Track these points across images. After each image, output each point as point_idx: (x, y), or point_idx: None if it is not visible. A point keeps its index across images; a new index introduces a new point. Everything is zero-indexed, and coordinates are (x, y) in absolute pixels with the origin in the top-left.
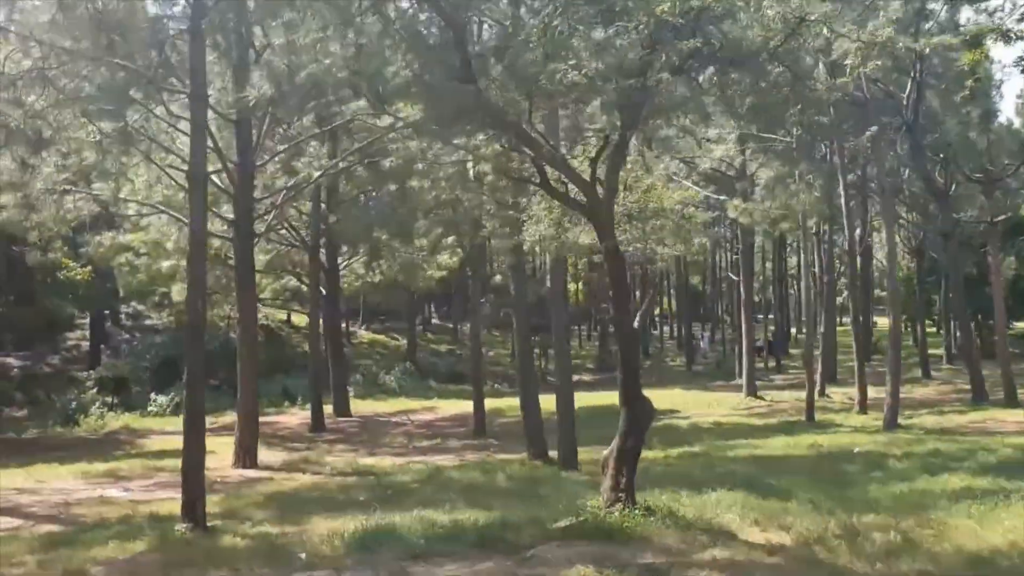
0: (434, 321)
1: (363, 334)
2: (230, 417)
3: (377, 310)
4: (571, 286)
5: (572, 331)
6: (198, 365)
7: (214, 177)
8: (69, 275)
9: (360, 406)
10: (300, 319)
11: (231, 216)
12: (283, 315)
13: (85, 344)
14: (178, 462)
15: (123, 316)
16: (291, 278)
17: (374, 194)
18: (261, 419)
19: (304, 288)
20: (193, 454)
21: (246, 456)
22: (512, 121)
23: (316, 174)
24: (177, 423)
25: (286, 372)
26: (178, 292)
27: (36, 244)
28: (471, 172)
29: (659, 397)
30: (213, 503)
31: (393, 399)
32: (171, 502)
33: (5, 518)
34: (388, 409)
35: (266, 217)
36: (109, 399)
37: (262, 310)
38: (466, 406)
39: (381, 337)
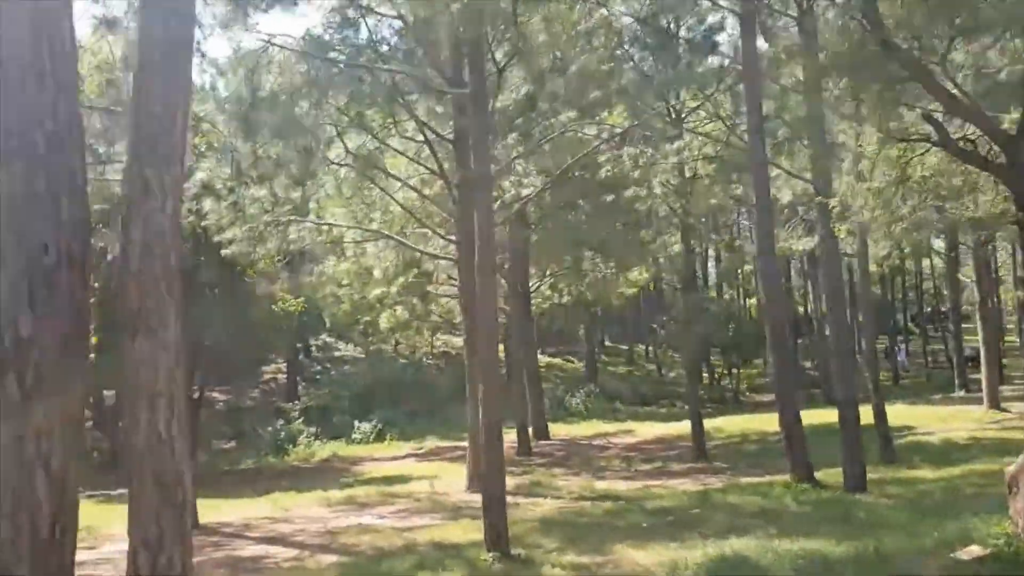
0: (606, 343)
1: (539, 358)
2: (432, 443)
3: (548, 333)
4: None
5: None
6: (493, 384)
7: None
8: (284, 307)
9: (554, 430)
10: None
11: (453, 237)
12: (458, 341)
13: (281, 377)
14: (409, 487)
15: (314, 348)
16: None
17: (577, 208)
18: (461, 442)
19: None
20: (495, 479)
21: (480, 480)
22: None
23: (525, 192)
24: (384, 449)
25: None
26: (386, 320)
27: (256, 275)
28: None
29: (889, 413)
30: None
31: (583, 422)
32: (435, 528)
33: (277, 547)
34: (584, 432)
35: None
36: (314, 428)
37: (440, 337)
38: (665, 428)
39: (557, 360)
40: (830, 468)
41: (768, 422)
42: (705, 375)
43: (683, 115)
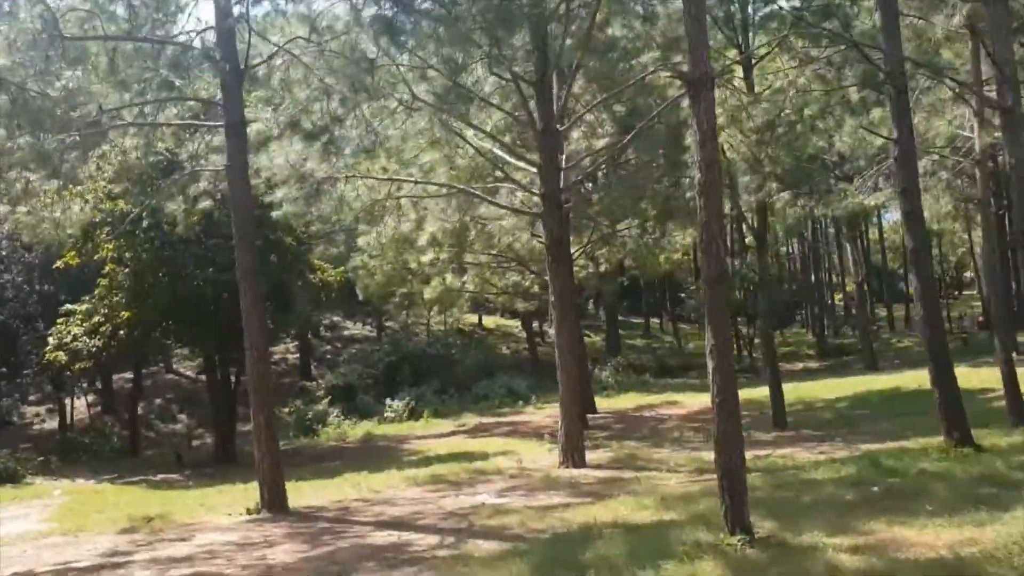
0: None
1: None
2: (471, 419)
3: None
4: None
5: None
6: (726, 355)
7: (504, 153)
8: (324, 277)
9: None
10: (490, 321)
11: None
12: (473, 318)
13: (291, 357)
14: (494, 464)
15: (322, 327)
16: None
17: (649, 167)
18: (503, 418)
19: (527, 283)
20: (734, 450)
21: (575, 454)
22: None
23: (600, 143)
24: (423, 428)
25: (490, 375)
26: (431, 290)
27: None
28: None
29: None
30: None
31: (618, 395)
32: (584, 507)
33: (407, 533)
34: (625, 405)
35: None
36: (337, 409)
37: (456, 314)
38: (708, 399)
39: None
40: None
41: (822, 389)
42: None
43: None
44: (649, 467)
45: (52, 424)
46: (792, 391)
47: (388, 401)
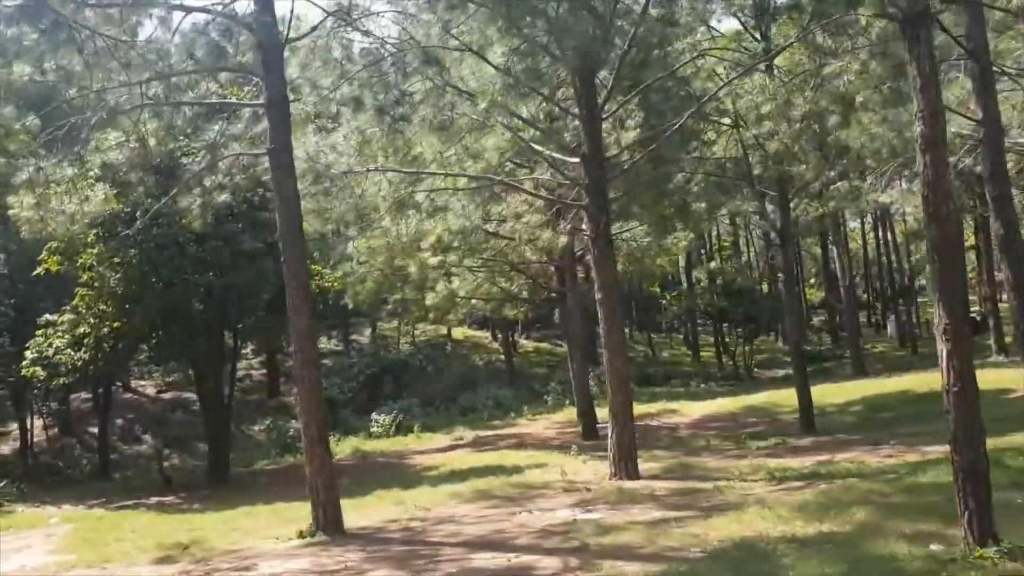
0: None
1: (524, 343)
2: (467, 432)
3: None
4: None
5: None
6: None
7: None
8: (324, 283)
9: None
10: (458, 332)
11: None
12: (443, 329)
13: (255, 373)
14: (539, 478)
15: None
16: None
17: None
18: (499, 431)
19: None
20: (976, 454)
21: (628, 465)
22: None
23: (629, 136)
24: (418, 442)
25: (471, 387)
26: (434, 296)
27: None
28: None
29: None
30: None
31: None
32: (698, 521)
33: (527, 556)
34: None
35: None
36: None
37: (422, 327)
38: (710, 407)
39: (544, 345)
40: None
41: (825, 394)
42: (708, 352)
43: None
44: (712, 476)
45: (4, 449)
46: (792, 397)
47: (374, 415)
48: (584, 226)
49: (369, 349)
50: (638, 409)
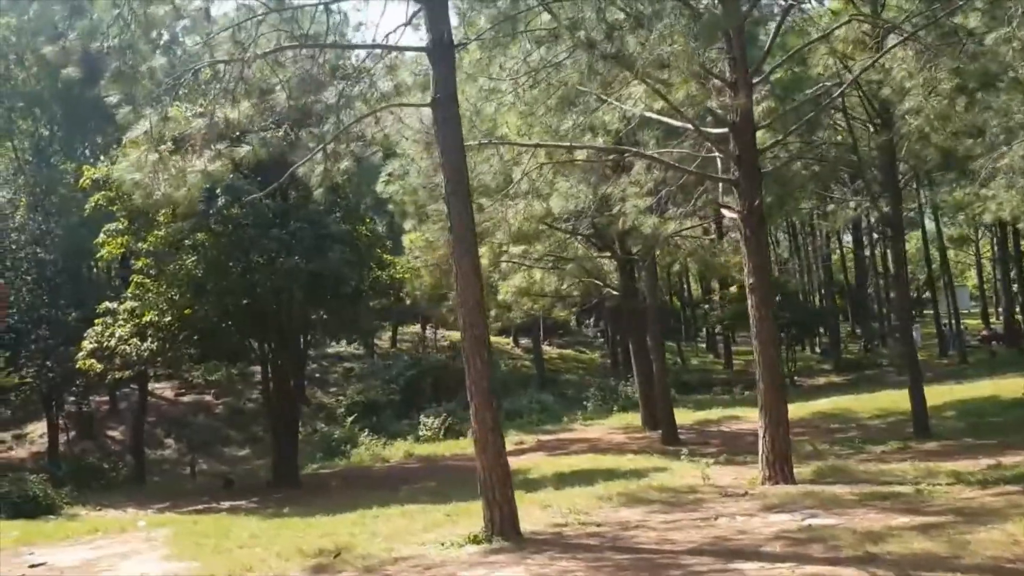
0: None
1: (548, 349)
2: (526, 437)
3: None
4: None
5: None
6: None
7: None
8: (393, 275)
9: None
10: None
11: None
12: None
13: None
14: (658, 481)
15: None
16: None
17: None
18: (560, 435)
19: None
20: None
21: (783, 468)
22: None
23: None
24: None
25: (510, 392)
26: (507, 291)
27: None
28: None
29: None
30: None
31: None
32: (977, 529)
33: (800, 566)
34: (684, 421)
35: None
36: (362, 426)
37: (443, 332)
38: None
39: (568, 351)
40: None
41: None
42: (738, 360)
43: None
44: (881, 480)
45: (21, 452)
46: (865, 402)
47: (422, 418)
48: (733, 204)
49: (393, 354)
50: (695, 416)
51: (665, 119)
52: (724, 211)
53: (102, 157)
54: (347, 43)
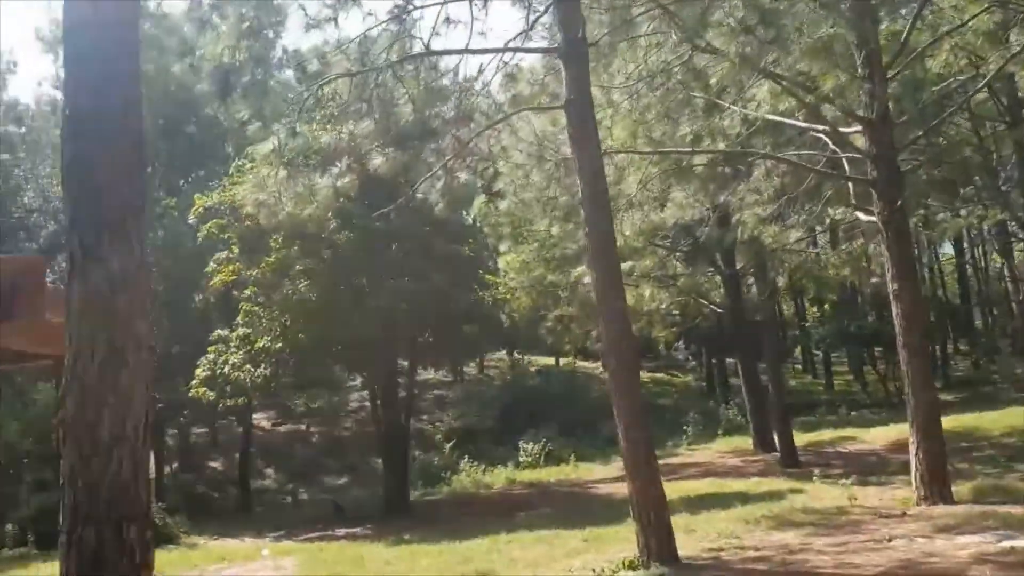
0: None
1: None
2: (621, 463)
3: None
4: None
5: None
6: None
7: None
8: (496, 296)
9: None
10: (566, 363)
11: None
12: (546, 360)
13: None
14: (799, 504)
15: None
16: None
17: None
18: (668, 460)
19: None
20: None
21: (940, 488)
22: None
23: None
24: (578, 472)
25: (608, 416)
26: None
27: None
28: None
29: None
30: None
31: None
32: None
33: None
34: (797, 442)
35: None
36: (460, 453)
37: (529, 358)
38: (889, 433)
39: (660, 375)
40: None
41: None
42: (843, 377)
43: None
44: None
45: None
46: (986, 421)
47: (521, 444)
48: (873, 207)
49: (507, 375)
50: (806, 438)
51: (790, 121)
52: (860, 214)
53: (213, 183)
54: (472, 49)
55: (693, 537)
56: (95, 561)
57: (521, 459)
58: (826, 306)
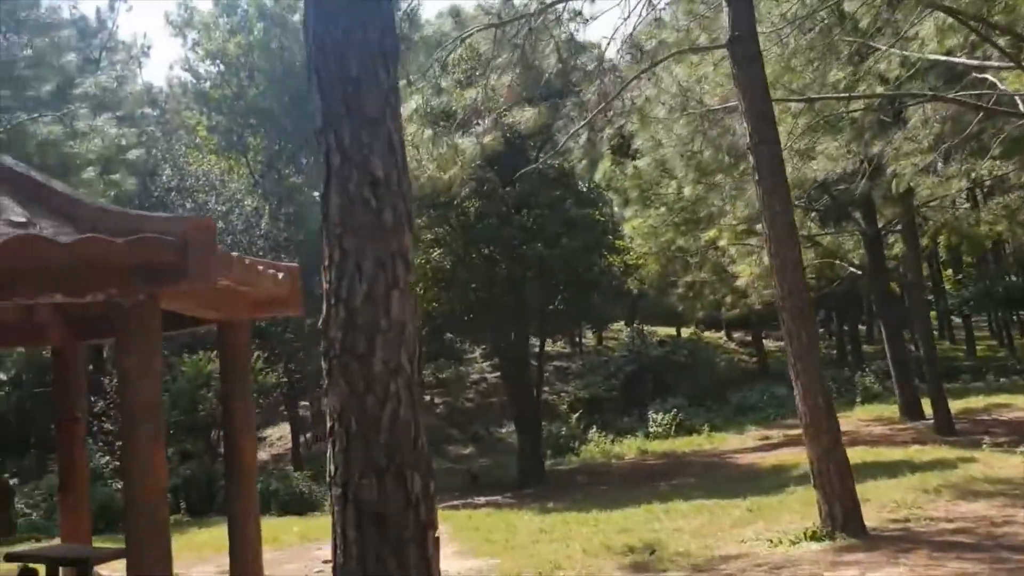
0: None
1: (765, 342)
2: (759, 432)
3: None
4: None
5: None
6: None
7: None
8: (626, 260)
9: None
10: (686, 332)
11: None
12: (666, 331)
13: (490, 376)
14: (975, 472)
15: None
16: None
17: None
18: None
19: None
20: None
21: None
22: None
23: None
24: (715, 442)
25: (735, 385)
26: (750, 273)
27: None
28: None
29: None
30: None
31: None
32: None
33: None
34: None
35: None
36: (587, 423)
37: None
38: None
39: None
40: None
41: None
42: (984, 342)
43: None
44: None
45: (262, 455)
46: None
47: (651, 415)
48: None
49: (634, 346)
50: (955, 406)
51: (957, 60)
52: None
53: None
54: None
55: (869, 507)
56: (377, 519)
57: (651, 429)
58: (964, 268)
